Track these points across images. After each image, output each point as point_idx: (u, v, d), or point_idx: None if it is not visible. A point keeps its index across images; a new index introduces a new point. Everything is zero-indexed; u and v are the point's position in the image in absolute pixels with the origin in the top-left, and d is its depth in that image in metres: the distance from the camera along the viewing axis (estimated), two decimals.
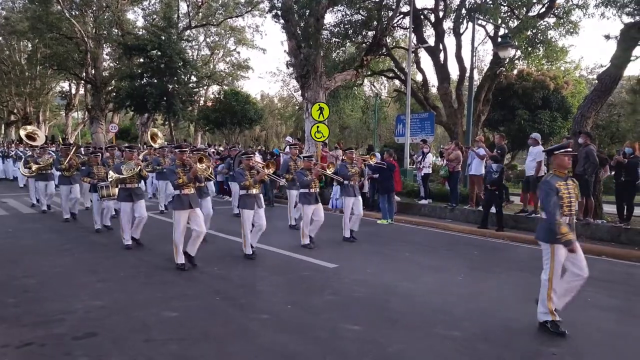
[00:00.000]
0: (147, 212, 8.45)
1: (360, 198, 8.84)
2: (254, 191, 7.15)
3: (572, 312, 5.17)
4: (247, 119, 29.20)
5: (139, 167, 7.87)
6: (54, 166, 11.23)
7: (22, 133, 12.21)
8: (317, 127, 13.48)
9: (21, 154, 18.46)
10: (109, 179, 8.02)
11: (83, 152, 12.54)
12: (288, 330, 4.50)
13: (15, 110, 36.95)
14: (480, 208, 10.49)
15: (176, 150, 6.62)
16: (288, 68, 19.57)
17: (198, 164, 6.64)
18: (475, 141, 11.94)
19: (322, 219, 8.14)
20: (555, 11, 16.02)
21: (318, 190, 8.26)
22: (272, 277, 6.40)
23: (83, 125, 40.68)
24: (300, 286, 5.95)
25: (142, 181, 9.14)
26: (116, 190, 8.65)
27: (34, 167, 11.20)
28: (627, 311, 5.27)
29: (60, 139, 25.61)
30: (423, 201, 12.30)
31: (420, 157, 12.66)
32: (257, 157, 10.78)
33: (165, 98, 24.39)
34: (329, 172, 8.50)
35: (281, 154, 14.45)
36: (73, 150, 11.00)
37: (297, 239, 8.32)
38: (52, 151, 14.13)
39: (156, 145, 11.77)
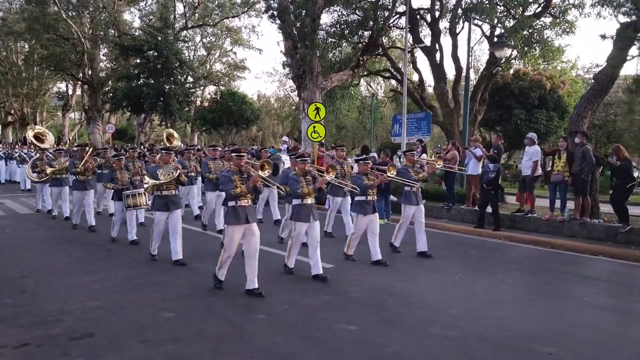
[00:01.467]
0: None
1: (422, 207, 7.85)
2: (309, 200, 6.13)
3: (569, 311, 5.20)
4: (244, 119, 29.17)
5: (178, 171, 6.89)
6: (68, 170, 10.38)
7: (30, 134, 11.48)
8: (314, 127, 13.47)
9: (25, 155, 18.09)
10: (145, 185, 6.95)
11: (100, 155, 11.61)
12: (284, 331, 4.51)
13: (12, 111, 36.83)
14: (477, 208, 10.52)
15: (233, 154, 5.66)
16: (284, 68, 19.55)
17: (260, 170, 5.56)
18: (471, 140, 11.97)
19: (377, 232, 7.09)
20: (552, 11, 16.06)
21: (375, 198, 7.13)
22: (268, 277, 6.40)
23: (80, 125, 40.57)
24: (297, 286, 5.95)
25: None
26: (143, 198, 7.99)
27: (49, 170, 10.33)
28: (624, 311, 5.29)
29: (68, 140, 25.31)
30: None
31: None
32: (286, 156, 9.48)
33: (162, 98, 24.35)
34: (390, 174, 7.30)
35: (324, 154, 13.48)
36: (89, 152, 10.13)
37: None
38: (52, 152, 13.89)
39: (174, 147, 11.11)
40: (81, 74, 29.50)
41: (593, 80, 10.73)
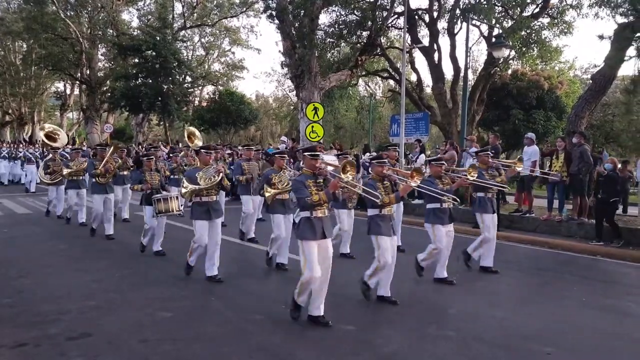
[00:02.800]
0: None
1: (495, 218, 6.84)
2: (387, 211, 5.25)
3: (567, 311, 5.21)
4: (242, 119, 29.15)
5: (220, 174, 5.95)
6: (87, 171, 9.64)
7: (41, 133, 10.79)
8: (312, 127, 13.50)
9: (31, 155, 17.45)
10: (184, 190, 5.91)
11: (127, 153, 10.85)
12: (282, 331, 4.51)
13: (10, 111, 36.73)
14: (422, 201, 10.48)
15: (306, 154, 4.76)
16: (283, 68, 19.59)
17: (342, 174, 4.48)
18: (467, 140, 11.98)
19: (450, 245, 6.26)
20: (549, 11, 16.11)
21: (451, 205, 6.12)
22: (266, 277, 6.41)
23: (78, 125, 40.49)
24: (294, 286, 5.94)
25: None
26: (176, 203, 7.18)
27: (66, 171, 9.59)
28: (622, 311, 5.30)
29: (77, 139, 24.96)
30: (417, 201, 12.34)
31: (415, 156, 12.70)
32: (331, 157, 8.25)
33: (160, 98, 24.35)
34: (471, 176, 6.29)
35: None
36: (110, 151, 9.14)
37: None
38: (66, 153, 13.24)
39: (194, 146, 10.23)
40: (79, 74, 29.46)
41: (591, 81, 10.78)
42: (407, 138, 15.38)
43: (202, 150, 6.24)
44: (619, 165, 9.04)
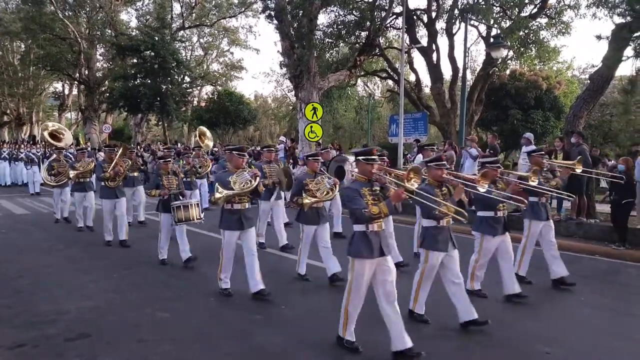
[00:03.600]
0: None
1: (552, 223, 6.14)
2: (445, 223, 4.61)
3: (567, 311, 5.22)
4: (241, 119, 29.17)
5: (257, 179, 5.32)
6: (95, 174, 9.13)
7: (45, 132, 10.28)
8: (311, 127, 13.50)
9: (34, 156, 16.94)
10: (218, 195, 5.22)
11: (139, 155, 10.53)
12: (282, 331, 4.51)
13: (8, 111, 36.67)
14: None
15: (360, 158, 4.04)
16: (281, 68, 19.59)
17: (406, 181, 3.90)
18: (467, 140, 12.00)
19: (512, 255, 5.53)
20: (547, 12, 16.14)
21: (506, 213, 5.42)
22: (266, 277, 6.39)
23: (76, 126, 40.44)
24: (295, 287, 5.95)
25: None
26: (196, 211, 6.64)
27: (72, 173, 8.99)
28: (621, 310, 5.30)
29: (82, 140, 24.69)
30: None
31: (414, 156, 12.70)
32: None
33: (158, 98, 24.33)
34: (532, 181, 5.48)
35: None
36: (119, 153, 8.48)
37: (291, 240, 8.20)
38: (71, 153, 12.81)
39: (205, 147, 10.08)
40: (77, 74, 29.42)
41: (589, 81, 10.78)
42: (406, 138, 15.41)
43: (234, 152, 5.50)
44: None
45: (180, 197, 6.84)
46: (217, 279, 5.54)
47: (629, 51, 9.93)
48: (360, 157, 4.07)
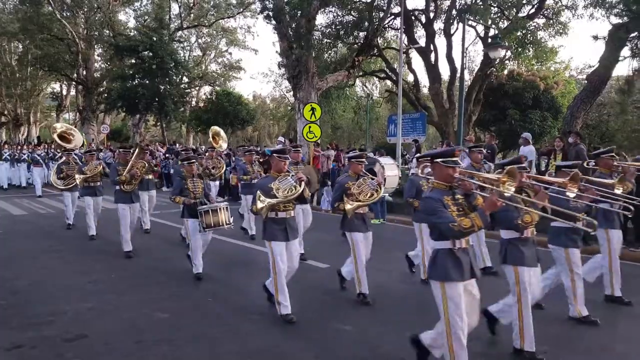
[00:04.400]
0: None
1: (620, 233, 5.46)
2: (529, 233, 4.00)
3: (561, 309, 5.22)
4: (239, 119, 29.15)
5: (303, 184, 4.78)
6: (109, 176, 8.27)
7: (54, 134, 9.85)
8: (309, 127, 13.51)
9: (39, 157, 16.53)
10: (260, 204, 4.69)
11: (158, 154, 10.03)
12: (279, 331, 4.51)
13: (5, 112, 36.61)
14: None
15: (438, 160, 3.41)
16: (280, 69, 19.66)
17: (501, 185, 3.29)
18: (466, 140, 12.02)
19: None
20: (545, 12, 16.21)
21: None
22: (263, 278, 6.39)
23: (74, 126, 40.37)
24: (292, 287, 5.93)
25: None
26: (225, 215, 6.14)
27: (79, 178, 8.58)
28: (619, 309, 5.32)
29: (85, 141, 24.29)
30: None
31: (412, 156, 12.73)
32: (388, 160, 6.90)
33: (157, 99, 24.34)
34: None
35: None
36: (134, 154, 7.88)
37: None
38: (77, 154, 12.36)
39: (220, 148, 9.76)
40: (75, 75, 29.39)
41: (586, 81, 10.83)
42: (404, 138, 15.44)
43: (274, 155, 4.97)
44: None
45: (207, 201, 6.27)
46: (275, 304, 4.81)
47: (625, 51, 10.02)
48: (438, 160, 3.41)
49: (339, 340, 4.32)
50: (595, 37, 10.62)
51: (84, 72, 29.00)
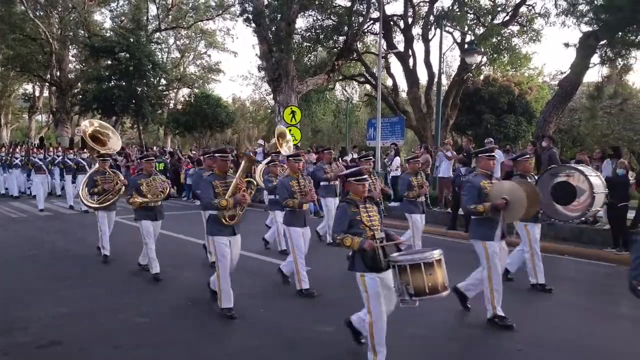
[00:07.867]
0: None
1: None
2: None
3: (538, 309, 5.35)
4: (219, 122, 28.91)
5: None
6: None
7: (84, 134, 7.72)
8: (290, 130, 13.52)
9: (42, 163, 13.65)
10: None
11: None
12: (260, 334, 4.50)
13: None
14: (450, 210, 10.72)
15: (521, 159, 3.02)
16: (260, 71, 19.59)
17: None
18: (444, 144, 12.22)
19: None
20: (519, 19, 16.65)
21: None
22: (244, 281, 6.36)
23: (47, 128, 39.36)
24: (273, 290, 5.94)
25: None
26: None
27: (138, 200, 6.30)
28: (590, 309, 5.47)
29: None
30: (393, 203, 12.46)
31: (391, 160, 12.86)
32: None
33: (133, 101, 23.94)
34: None
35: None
36: (243, 167, 5.59)
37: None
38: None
39: (284, 152, 7.84)
40: (49, 75, 28.67)
41: (558, 87, 11.15)
42: (383, 142, 15.57)
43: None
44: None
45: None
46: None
47: (595, 58, 10.35)
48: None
49: (320, 342, 4.33)
50: (567, 45, 10.97)
51: (58, 73, 28.33)
